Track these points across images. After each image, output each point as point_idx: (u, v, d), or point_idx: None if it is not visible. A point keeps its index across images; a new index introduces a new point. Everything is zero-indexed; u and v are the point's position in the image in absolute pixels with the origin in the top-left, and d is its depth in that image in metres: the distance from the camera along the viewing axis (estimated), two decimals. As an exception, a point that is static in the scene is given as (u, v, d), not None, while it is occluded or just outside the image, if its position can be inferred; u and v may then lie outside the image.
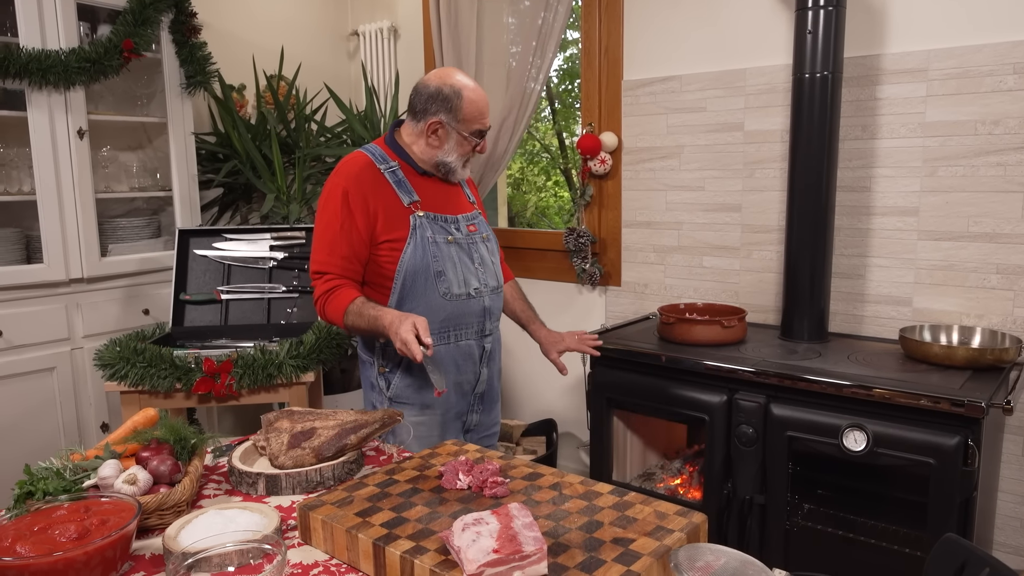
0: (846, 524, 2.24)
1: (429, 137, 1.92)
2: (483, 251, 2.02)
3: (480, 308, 1.98)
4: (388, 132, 2.01)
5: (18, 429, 2.59)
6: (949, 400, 1.93)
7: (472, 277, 1.96)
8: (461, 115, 1.90)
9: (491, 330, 2.05)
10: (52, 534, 1.09)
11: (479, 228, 2.04)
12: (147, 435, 1.44)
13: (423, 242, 1.89)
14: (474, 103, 1.91)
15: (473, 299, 1.96)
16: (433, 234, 1.91)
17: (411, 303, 1.89)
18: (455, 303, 1.93)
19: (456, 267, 1.93)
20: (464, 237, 1.98)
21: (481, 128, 1.94)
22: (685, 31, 2.91)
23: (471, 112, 1.91)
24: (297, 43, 3.77)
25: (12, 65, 2.45)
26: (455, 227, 1.97)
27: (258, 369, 2.36)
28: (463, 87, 1.90)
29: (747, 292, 2.88)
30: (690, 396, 2.38)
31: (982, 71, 2.32)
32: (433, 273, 1.89)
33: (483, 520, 1.11)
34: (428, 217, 1.92)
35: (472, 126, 1.92)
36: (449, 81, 1.91)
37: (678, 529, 1.15)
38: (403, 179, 1.93)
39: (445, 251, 1.92)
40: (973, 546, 1.25)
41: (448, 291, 1.91)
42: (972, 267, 2.40)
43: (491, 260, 2.04)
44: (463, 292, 1.93)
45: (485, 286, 1.99)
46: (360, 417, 1.55)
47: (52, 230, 2.61)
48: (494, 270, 2.04)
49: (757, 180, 2.80)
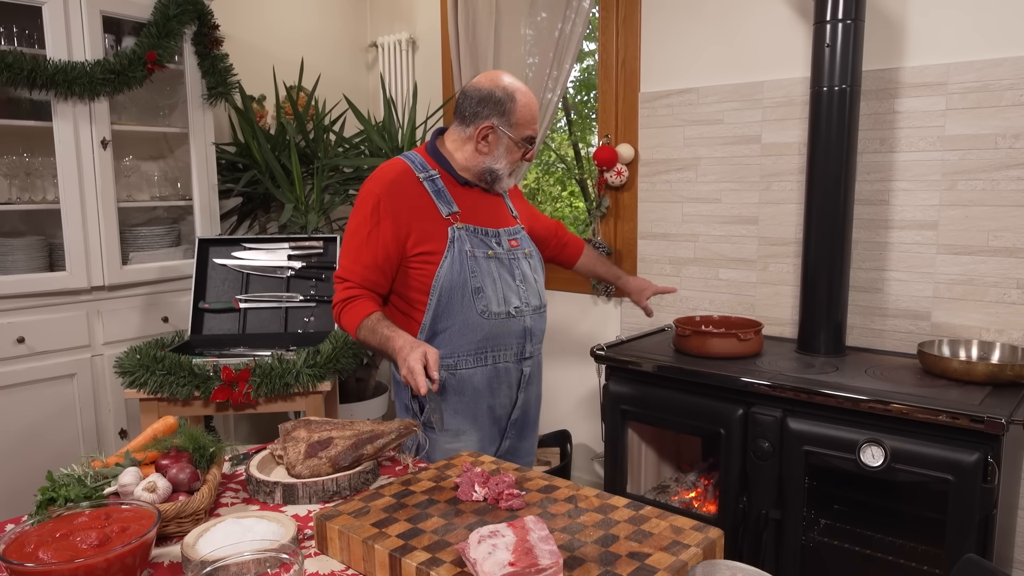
0: (863, 540, 2.22)
1: (479, 143, 1.83)
2: (525, 267, 1.91)
3: (520, 329, 1.88)
4: (430, 140, 1.93)
5: (38, 435, 2.62)
6: (968, 416, 1.91)
7: (513, 295, 1.85)
8: (514, 119, 1.81)
9: (532, 353, 1.93)
10: (74, 540, 1.10)
11: (521, 243, 1.93)
12: (167, 443, 1.46)
13: (461, 256, 1.79)
14: (527, 107, 1.82)
15: (513, 319, 1.85)
16: (472, 248, 1.81)
17: (447, 320, 1.81)
18: (493, 322, 1.83)
19: (496, 283, 1.83)
20: (505, 252, 1.87)
21: (532, 134, 1.86)
22: (703, 44, 2.92)
23: (524, 116, 1.82)
24: (317, 55, 3.81)
25: (39, 76, 2.49)
26: (496, 241, 1.86)
27: (275, 378, 2.38)
28: (516, 90, 1.81)
29: (763, 305, 2.87)
30: (706, 409, 2.37)
31: (1002, 85, 2.31)
32: (471, 289, 1.79)
33: (499, 533, 1.11)
34: (467, 230, 1.82)
35: (524, 131, 1.84)
36: (501, 84, 1.82)
37: (694, 544, 1.15)
38: (443, 189, 1.84)
39: (484, 266, 1.82)
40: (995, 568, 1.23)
41: (487, 309, 1.81)
42: (992, 281, 2.38)
43: (534, 278, 1.93)
44: (502, 310, 1.83)
45: (527, 305, 1.88)
46: (377, 427, 1.56)
47: (75, 238, 2.65)
48: (537, 289, 1.93)
49: (774, 193, 2.80)
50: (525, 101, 1.82)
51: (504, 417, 1.94)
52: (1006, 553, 2.26)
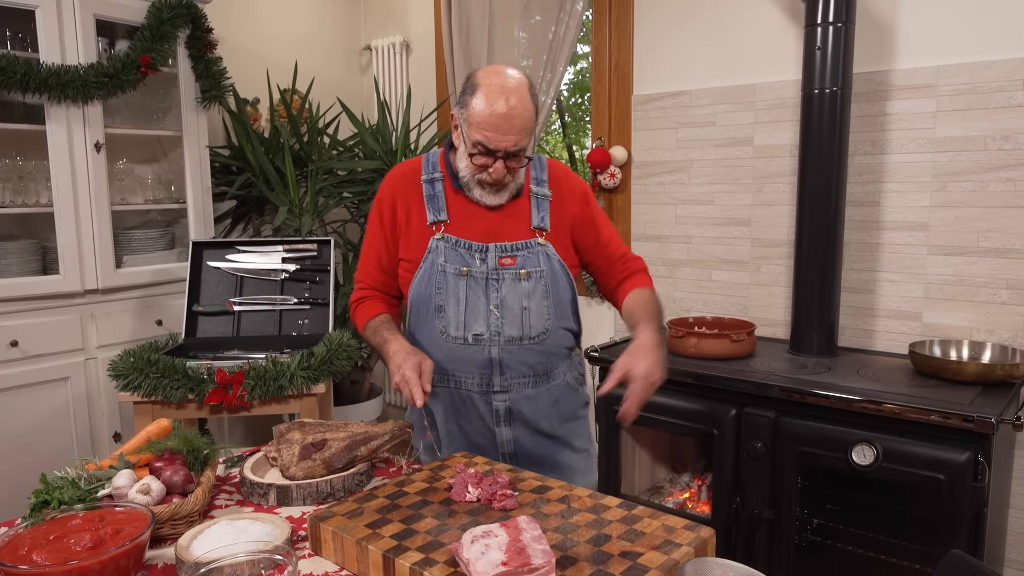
0: (856, 539, 2.23)
1: (454, 136, 1.64)
2: (509, 291, 1.62)
3: (483, 359, 1.63)
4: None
5: (32, 438, 2.62)
6: (959, 416, 1.93)
7: (478, 320, 1.61)
8: (466, 113, 1.54)
9: (504, 387, 1.65)
10: (67, 543, 1.11)
11: (520, 262, 1.63)
12: (160, 445, 1.46)
13: (432, 269, 1.63)
14: (485, 105, 1.50)
15: (472, 347, 1.62)
16: (446, 262, 1.62)
17: (419, 334, 1.68)
18: (452, 346, 1.63)
19: (460, 304, 1.62)
20: (487, 270, 1.61)
21: (482, 140, 1.52)
22: (695, 46, 2.93)
23: (476, 114, 1.51)
24: (310, 58, 3.82)
25: (32, 79, 2.49)
26: (480, 256, 1.62)
27: (269, 380, 2.38)
28: (486, 83, 1.52)
29: (756, 306, 2.88)
30: (699, 410, 2.38)
31: (991, 87, 2.33)
32: (434, 307, 1.63)
33: (492, 533, 1.12)
34: (447, 241, 1.63)
35: (474, 133, 1.53)
36: (481, 71, 1.56)
37: (686, 543, 1.15)
38: (438, 193, 1.66)
39: (452, 284, 1.62)
40: (980, 563, 1.25)
41: (445, 330, 1.63)
42: (982, 282, 2.40)
43: (521, 304, 1.62)
44: (460, 335, 1.62)
45: (497, 334, 1.61)
46: (371, 429, 1.56)
47: (68, 241, 2.65)
48: (521, 317, 1.62)
49: (766, 194, 2.81)
50: (486, 98, 1.50)
51: (490, 448, 1.70)
52: (997, 551, 2.27)
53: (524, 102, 1.53)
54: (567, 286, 1.68)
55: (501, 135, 1.51)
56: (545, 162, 1.74)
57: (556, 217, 1.69)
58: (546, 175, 1.72)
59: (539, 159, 1.74)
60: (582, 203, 1.73)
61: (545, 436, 1.71)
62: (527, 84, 1.56)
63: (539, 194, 1.68)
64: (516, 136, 1.52)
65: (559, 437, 1.73)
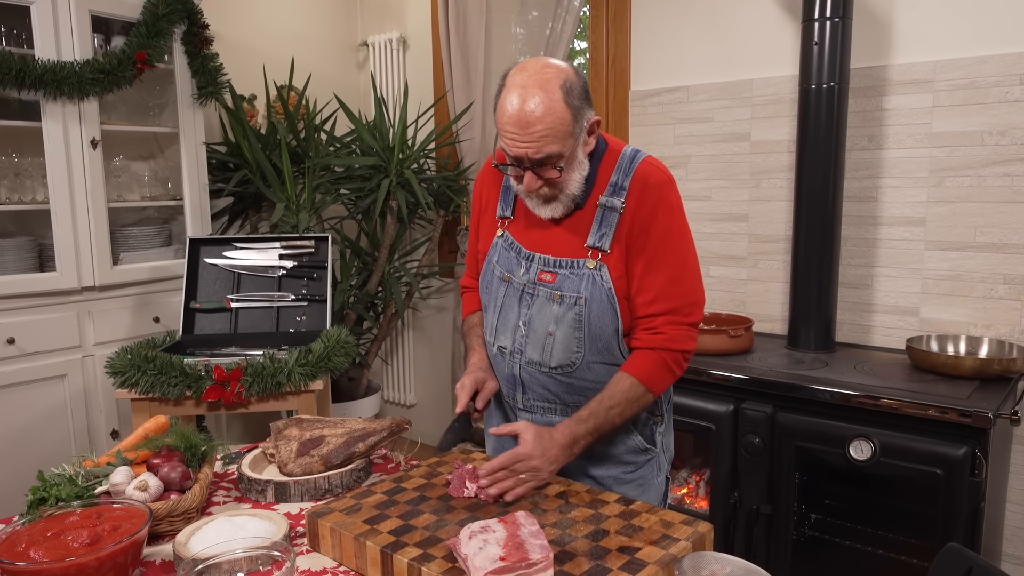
0: (853, 534, 2.24)
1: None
2: (538, 311, 1.45)
3: (507, 373, 1.52)
4: None
5: (29, 436, 2.61)
6: (956, 411, 1.93)
7: (506, 333, 1.50)
8: (496, 115, 1.36)
9: (527, 407, 1.53)
10: (65, 540, 1.11)
11: (558, 282, 1.43)
12: (158, 442, 1.46)
13: (488, 266, 1.55)
14: (504, 106, 1.32)
15: (499, 357, 1.54)
16: (497, 262, 1.52)
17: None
18: (490, 349, 1.57)
19: (496, 311, 1.52)
20: (525, 283, 1.47)
21: (503, 147, 1.36)
22: (692, 42, 2.93)
23: (499, 117, 1.34)
24: (307, 54, 3.81)
25: (28, 76, 2.48)
26: (525, 266, 1.47)
27: (267, 377, 2.38)
28: (511, 80, 1.33)
29: (754, 301, 2.89)
30: (696, 405, 2.38)
31: (988, 82, 2.33)
32: (484, 305, 1.57)
33: (490, 528, 1.12)
34: (505, 241, 1.52)
35: (501, 139, 1.36)
36: (517, 65, 1.37)
37: (684, 538, 1.15)
38: (511, 187, 1.52)
39: (496, 287, 1.52)
40: (977, 556, 1.25)
41: (486, 332, 1.58)
42: (979, 277, 2.40)
43: (547, 328, 1.44)
44: (491, 342, 1.55)
45: (518, 352, 1.49)
46: (368, 425, 1.56)
47: (65, 239, 2.64)
48: (544, 342, 1.45)
49: (764, 190, 2.81)
50: (507, 96, 1.32)
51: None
52: (994, 546, 2.28)
53: (549, 102, 1.29)
54: (614, 318, 1.42)
55: (519, 141, 1.31)
56: (636, 164, 1.44)
57: (623, 236, 1.42)
58: (628, 182, 1.42)
59: (630, 159, 1.45)
60: (644, 223, 1.41)
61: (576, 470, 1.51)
62: (560, 80, 1.30)
63: (607, 205, 1.42)
64: (537, 143, 1.30)
65: (594, 476, 1.53)
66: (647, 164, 1.45)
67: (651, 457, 1.56)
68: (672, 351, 1.42)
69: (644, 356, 1.42)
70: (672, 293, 1.42)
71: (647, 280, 1.42)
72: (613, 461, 1.53)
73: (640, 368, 1.41)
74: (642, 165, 1.44)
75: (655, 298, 1.42)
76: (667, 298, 1.42)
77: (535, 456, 1.32)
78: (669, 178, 1.46)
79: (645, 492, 1.55)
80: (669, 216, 1.43)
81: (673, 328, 1.42)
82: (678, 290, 1.43)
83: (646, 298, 1.42)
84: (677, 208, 1.45)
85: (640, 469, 1.55)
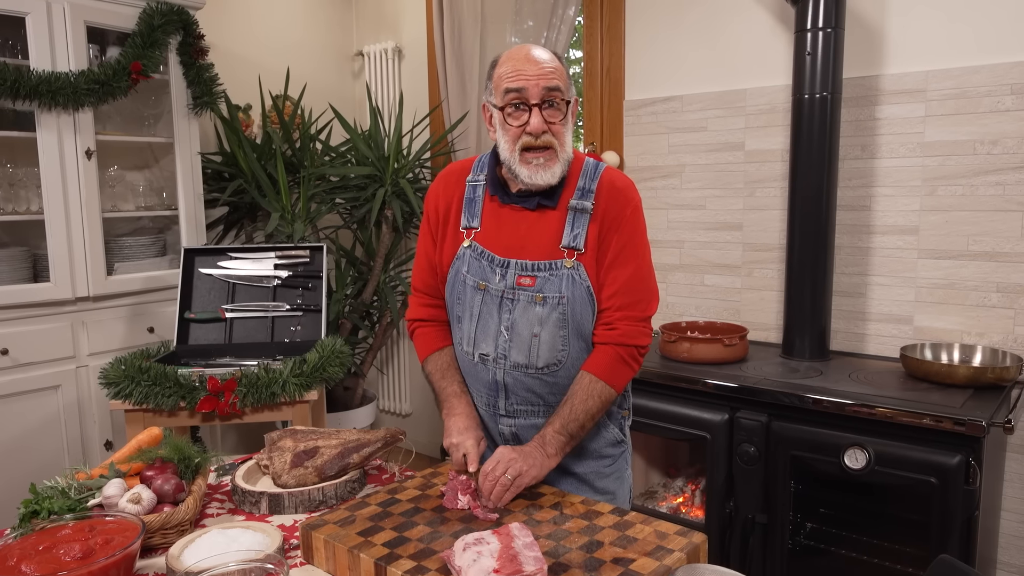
0: (849, 543, 2.23)
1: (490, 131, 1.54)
2: (521, 315, 1.48)
3: (489, 380, 1.54)
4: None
5: (23, 447, 2.60)
6: (951, 419, 1.93)
7: (487, 340, 1.52)
8: (492, 84, 1.46)
9: (510, 412, 1.55)
10: (57, 553, 1.10)
11: (538, 285, 1.48)
12: (151, 454, 1.46)
13: (456, 277, 1.55)
14: (508, 60, 1.45)
15: (480, 365, 1.54)
16: (468, 272, 1.53)
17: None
18: (465, 360, 1.58)
19: (473, 320, 1.53)
20: (504, 290, 1.50)
21: (510, 86, 1.42)
22: (686, 52, 2.94)
23: (503, 71, 1.44)
24: (302, 64, 3.82)
25: (23, 87, 2.48)
26: (500, 272, 1.50)
27: (261, 387, 2.37)
28: (506, 53, 1.48)
29: (748, 310, 2.89)
30: (691, 414, 2.38)
31: (980, 92, 2.34)
32: (455, 316, 1.58)
33: (484, 540, 1.12)
34: (474, 251, 1.53)
35: (501, 86, 1.43)
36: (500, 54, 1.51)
37: (678, 549, 1.15)
38: (476, 198, 1.56)
39: (470, 297, 1.53)
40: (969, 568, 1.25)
41: (460, 343, 1.58)
42: (972, 285, 2.41)
43: (532, 331, 1.48)
44: (470, 351, 1.55)
45: (503, 358, 1.51)
46: (363, 436, 1.56)
47: (59, 249, 2.64)
48: (529, 344, 1.49)
49: (758, 199, 2.82)
50: (506, 56, 1.46)
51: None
52: (989, 554, 2.28)
53: (551, 53, 1.47)
54: (593, 314, 1.50)
55: (528, 74, 1.41)
56: (600, 171, 1.54)
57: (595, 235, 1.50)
58: (595, 185, 1.51)
59: (594, 167, 1.55)
60: (613, 222, 1.50)
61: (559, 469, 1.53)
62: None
63: (578, 207, 1.49)
64: (547, 75, 1.41)
65: (576, 474, 1.59)
66: (611, 170, 1.57)
67: (624, 449, 1.66)
68: (627, 346, 1.50)
69: (601, 352, 1.51)
70: (633, 288, 1.51)
71: (612, 274, 1.50)
72: (593, 456, 1.61)
73: (598, 365, 1.49)
74: (607, 171, 1.55)
75: (616, 292, 1.50)
76: (627, 292, 1.50)
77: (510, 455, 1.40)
78: (632, 182, 1.59)
79: (623, 484, 1.65)
80: (635, 217, 1.53)
81: (628, 324, 1.50)
82: (639, 286, 1.52)
83: (608, 291, 1.50)
84: (641, 210, 1.56)
85: (616, 462, 1.64)
